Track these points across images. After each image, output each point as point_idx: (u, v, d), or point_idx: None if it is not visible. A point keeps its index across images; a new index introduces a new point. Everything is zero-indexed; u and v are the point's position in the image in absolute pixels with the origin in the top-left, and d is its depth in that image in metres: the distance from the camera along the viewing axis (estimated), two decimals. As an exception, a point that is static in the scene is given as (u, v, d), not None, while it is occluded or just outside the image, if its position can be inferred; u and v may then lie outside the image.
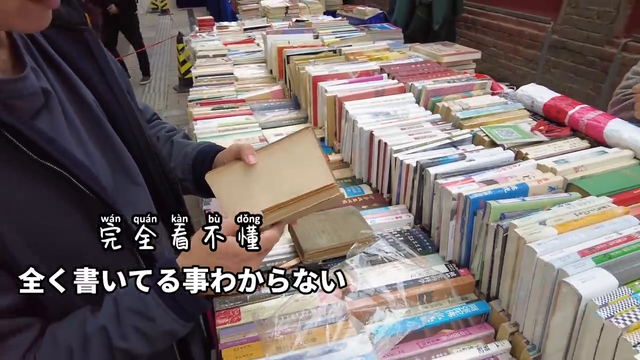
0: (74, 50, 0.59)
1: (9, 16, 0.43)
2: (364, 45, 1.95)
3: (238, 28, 3.23)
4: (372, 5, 6.41)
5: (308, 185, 0.62)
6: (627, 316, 0.54)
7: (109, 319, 0.50)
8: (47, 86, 0.53)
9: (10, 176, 0.46)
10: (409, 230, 0.98)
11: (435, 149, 1.04)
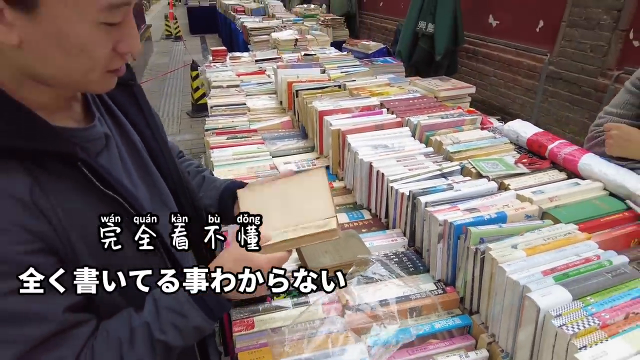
0: (126, 101, 0.74)
1: (90, 83, 0.58)
2: (366, 80, 2.10)
3: (250, 59, 3.42)
4: (377, 37, 6.66)
5: (312, 214, 0.76)
6: (577, 325, 0.66)
7: (151, 316, 0.62)
8: (107, 131, 0.67)
9: (82, 199, 0.59)
10: (403, 252, 1.10)
11: (427, 179, 1.17)
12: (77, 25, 0.50)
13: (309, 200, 0.80)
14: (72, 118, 0.63)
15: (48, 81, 0.56)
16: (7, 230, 0.51)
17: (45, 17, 0.49)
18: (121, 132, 0.72)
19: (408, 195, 1.10)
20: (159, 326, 0.62)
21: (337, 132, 1.47)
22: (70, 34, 0.51)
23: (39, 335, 0.54)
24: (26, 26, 0.49)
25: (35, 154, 0.55)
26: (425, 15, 4.10)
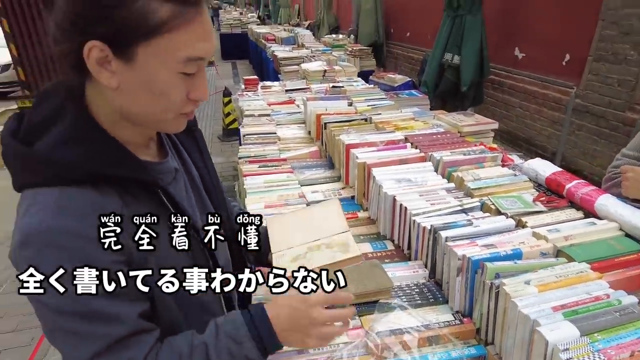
0: (189, 143, 0.88)
1: (166, 122, 0.69)
2: (392, 113, 2.20)
3: (280, 88, 3.58)
4: (404, 67, 6.80)
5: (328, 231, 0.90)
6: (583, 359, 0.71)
7: (210, 338, 0.71)
8: (176, 166, 0.80)
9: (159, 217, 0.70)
10: (424, 284, 1.17)
11: (448, 214, 1.24)
12: (161, 73, 0.63)
13: (326, 221, 0.95)
14: (150, 154, 0.76)
15: (135, 120, 0.68)
16: (100, 242, 0.62)
17: (139, 66, 0.61)
18: (185, 168, 0.85)
19: (429, 229, 1.17)
20: (215, 349, 0.70)
21: (363, 165, 1.57)
22: (156, 80, 0.63)
23: (116, 335, 0.63)
24: (124, 73, 0.62)
25: (125, 181, 0.66)
26: (451, 47, 4.21)
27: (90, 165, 0.63)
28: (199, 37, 0.63)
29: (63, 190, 0.62)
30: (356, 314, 1.04)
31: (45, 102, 0.67)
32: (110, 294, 0.63)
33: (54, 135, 0.64)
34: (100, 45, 0.59)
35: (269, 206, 1.63)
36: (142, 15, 0.58)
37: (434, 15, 5.12)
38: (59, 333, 0.64)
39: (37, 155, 0.62)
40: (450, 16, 4.17)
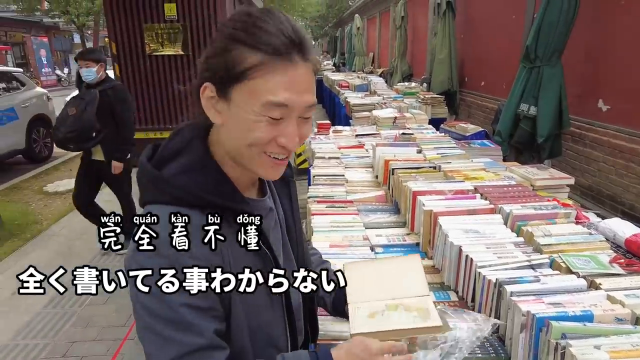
0: (283, 191, 0.97)
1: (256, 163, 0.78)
2: (462, 162, 2.21)
3: (350, 133, 3.72)
4: (477, 115, 6.73)
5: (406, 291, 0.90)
6: None
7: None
8: (271, 205, 0.90)
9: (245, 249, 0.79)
10: (486, 338, 1.15)
11: (515, 269, 1.22)
12: (245, 113, 0.73)
13: (406, 279, 0.95)
14: (251, 193, 0.88)
15: (235, 157, 0.79)
16: (197, 258, 0.72)
17: (234, 105, 0.73)
18: (277, 209, 0.95)
19: (495, 283, 1.16)
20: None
21: (430, 212, 1.59)
22: (242, 117, 0.73)
23: (194, 345, 0.71)
24: (225, 112, 0.74)
25: (226, 210, 0.77)
26: (527, 98, 4.12)
27: (203, 192, 0.75)
28: (284, 86, 0.70)
29: (177, 210, 0.74)
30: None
31: (177, 137, 0.81)
32: (195, 307, 0.72)
33: (181, 164, 0.77)
34: (210, 86, 0.73)
35: (334, 246, 1.70)
36: (235, 62, 0.70)
37: (510, 65, 5.07)
38: (148, 333, 0.72)
39: (162, 178, 0.76)
40: (526, 67, 4.11)
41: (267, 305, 0.83)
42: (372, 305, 0.90)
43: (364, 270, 1.00)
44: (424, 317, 0.87)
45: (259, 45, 0.69)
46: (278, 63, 0.69)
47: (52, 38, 26.40)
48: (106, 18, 6.11)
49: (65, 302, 3.23)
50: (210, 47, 0.74)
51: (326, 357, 0.79)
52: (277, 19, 0.72)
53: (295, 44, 0.71)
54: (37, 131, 7.26)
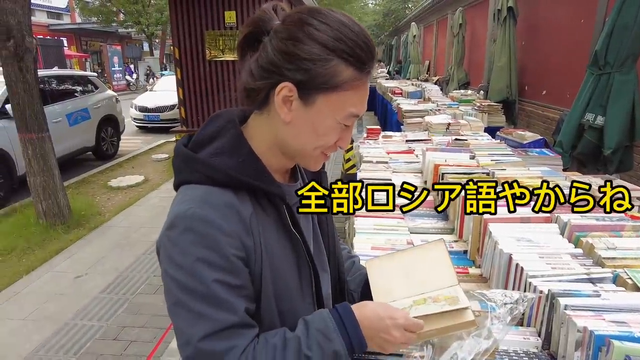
0: (314, 177, 0.96)
1: (309, 159, 0.81)
2: (517, 170, 2.09)
3: (401, 139, 3.65)
4: (537, 125, 6.37)
5: (435, 284, 0.85)
6: None
7: (302, 333, 0.76)
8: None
9: (276, 231, 0.80)
10: (535, 353, 1.06)
11: (571, 281, 1.12)
12: (328, 120, 0.76)
13: (432, 270, 0.90)
14: (283, 179, 0.89)
15: (287, 151, 0.81)
16: (231, 236, 0.73)
17: (314, 110, 0.75)
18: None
19: (547, 294, 1.07)
20: (307, 343, 0.75)
21: (480, 219, 1.51)
22: (323, 124, 0.76)
23: (226, 322, 0.71)
24: (299, 113, 0.75)
25: (259, 192, 0.78)
26: (594, 107, 3.83)
27: (236, 173, 0.76)
28: (361, 99, 0.76)
29: (209, 188, 0.76)
30: None
31: (210, 124, 0.83)
32: (227, 284, 0.72)
33: (215, 147, 0.79)
34: (290, 87, 0.73)
35: (376, 248, 1.66)
36: (331, 73, 0.72)
37: (576, 73, 4.76)
38: (180, 309, 0.73)
39: (198, 159, 0.78)
40: (594, 74, 3.83)
41: (297, 292, 0.83)
42: (399, 304, 0.85)
43: (387, 266, 0.95)
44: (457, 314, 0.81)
45: (355, 63, 0.73)
46: (364, 79, 0.75)
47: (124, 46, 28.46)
48: (171, 25, 6.46)
49: (120, 289, 3.42)
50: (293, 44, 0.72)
51: (348, 313, 0.78)
52: (363, 31, 0.75)
53: (373, 60, 0.75)
54: (105, 130, 7.81)
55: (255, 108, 0.82)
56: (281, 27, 0.74)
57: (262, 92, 0.76)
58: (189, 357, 0.72)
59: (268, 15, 0.76)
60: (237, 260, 0.74)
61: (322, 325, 0.77)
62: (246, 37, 0.78)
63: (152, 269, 3.72)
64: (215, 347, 0.71)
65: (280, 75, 0.73)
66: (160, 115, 10.52)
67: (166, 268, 0.74)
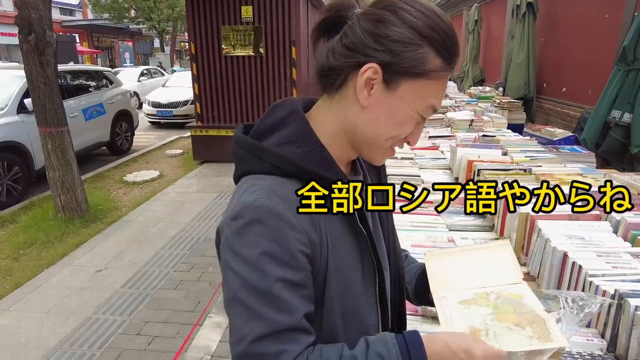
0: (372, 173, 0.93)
1: (377, 150, 0.77)
2: (554, 167, 2.03)
3: (423, 134, 3.60)
4: (556, 123, 6.27)
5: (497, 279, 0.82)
6: None
7: (360, 353, 0.71)
8: None
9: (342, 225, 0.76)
10: (600, 356, 1.01)
11: (636, 281, 1.08)
12: (409, 108, 0.72)
13: (495, 268, 0.86)
14: (346, 169, 0.85)
15: (356, 139, 0.77)
16: (299, 230, 0.69)
17: (396, 96, 0.72)
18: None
19: (613, 295, 1.02)
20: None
21: (526, 216, 1.46)
22: (403, 112, 0.73)
23: (283, 325, 0.67)
24: (379, 97, 0.72)
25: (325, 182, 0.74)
26: (621, 104, 3.75)
27: (304, 163, 0.73)
28: (442, 91, 0.75)
29: (276, 179, 0.72)
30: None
31: (272, 114, 0.80)
32: (289, 282, 0.68)
33: (280, 137, 0.76)
34: (376, 68, 0.70)
35: (416, 245, 1.62)
36: (421, 59, 0.69)
37: (599, 69, 4.67)
38: (237, 304, 0.69)
39: (265, 148, 0.74)
40: (622, 70, 3.75)
41: (360, 291, 0.79)
42: (459, 295, 0.81)
43: (446, 259, 0.91)
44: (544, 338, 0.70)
45: (444, 53, 0.71)
46: (448, 72, 0.73)
47: (135, 42, 28.61)
48: (187, 20, 6.46)
49: (140, 283, 3.42)
50: (384, 26, 0.69)
51: (416, 344, 0.69)
52: (452, 25, 0.73)
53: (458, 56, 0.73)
54: (120, 125, 7.84)
55: (327, 91, 0.78)
56: (371, 10, 0.71)
57: (343, 72, 0.73)
58: (240, 355, 0.69)
59: (351, 2, 0.73)
60: (303, 257, 0.70)
61: (383, 350, 0.70)
62: (324, 21, 0.75)
63: (172, 264, 3.71)
64: (266, 350, 0.67)
65: (366, 55, 0.70)
66: (173, 111, 10.55)
67: (228, 260, 0.71)
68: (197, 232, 4.36)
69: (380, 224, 0.93)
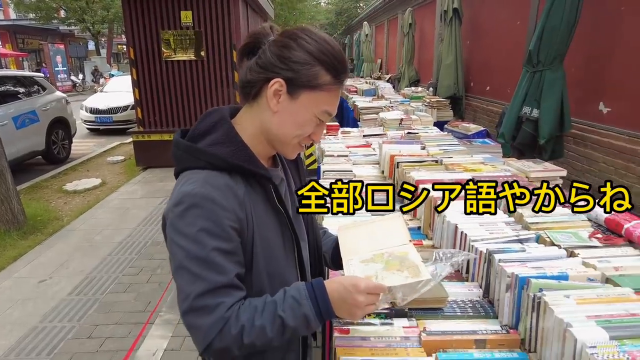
0: (292, 165, 1.15)
1: (288, 147, 0.98)
2: (463, 157, 2.36)
3: (358, 134, 3.89)
4: (482, 119, 6.86)
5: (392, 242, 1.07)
6: (608, 356, 0.82)
7: (279, 298, 0.92)
8: (282, 176, 1.07)
9: (264, 207, 0.97)
10: (477, 300, 1.30)
11: (504, 242, 1.37)
12: (308, 112, 0.94)
13: (390, 233, 1.12)
14: (267, 164, 1.06)
15: (271, 138, 0.98)
16: (228, 210, 0.89)
17: (298, 103, 0.93)
18: (287, 181, 1.12)
19: (485, 253, 1.31)
20: (282, 306, 0.91)
21: (430, 199, 1.75)
22: (302, 115, 0.94)
23: (219, 283, 0.87)
24: (286, 105, 0.93)
25: (249, 174, 0.95)
26: (530, 102, 4.25)
27: (231, 160, 0.93)
28: (334, 100, 0.96)
29: (209, 172, 0.92)
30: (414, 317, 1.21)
31: (204, 121, 0.99)
32: (223, 250, 0.88)
33: (211, 139, 0.95)
34: (282, 82, 0.91)
35: (343, 229, 1.86)
36: (314, 76, 0.91)
37: (514, 70, 5.21)
38: (182, 271, 0.88)
39: (200, 149, 0.94)
40: (529, 71, 4.25)
41: (282, 256, 1.01)
42: (361, 257, 1.05)
43: (354, 231, 1.16)
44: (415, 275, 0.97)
45: (332, 71, 0.92)
46: (338, 86, 0.94)
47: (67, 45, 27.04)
48: (125, 24, 6.37)
49: (88, 289, 3.43)
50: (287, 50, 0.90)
51: (320, 286, 0.92)
52: (340, 50, 0.94)
53: (346, 73, 0.95)
54: (56, 133, 7.54)
55: (246, 102, 0.99)
56: (279, 38, 0.93)
57: (257, 85, 0.94)
58: (186, 311, 0.87)
59: (266, 31, 0.95)
60: (232, 231, 0.90)
61: (296, 293, 0.92)
62: (246, 46, 0.96)
63: (120, 268, 3.74)
64: (207, 303, 0.86)
65: (274, 72, 0.91)
66: (112, 116, 10.24)
67: (173, 237, 0.89)
68: (144, 236, 4.39)
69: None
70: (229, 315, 0.87)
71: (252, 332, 0.87)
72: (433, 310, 1.23)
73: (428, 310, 1.23)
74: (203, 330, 0.86)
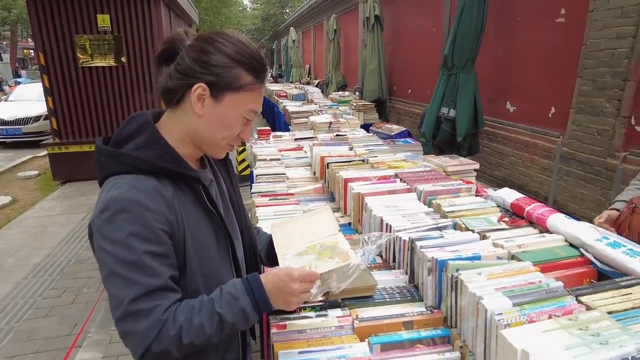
0: (221, 166, 1.16)
1: (216, 148, 0.99)
2: (387, 156, 2.50)
3: (290, 137, 3.94)
4: (405, 120, 7.25)
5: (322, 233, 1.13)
6: (511, 320, 0.94)
7: (216, 295, 0.93)
8: (211, 177, 1.08)
9: (195, 209, 0.97)
10: (404, 286, 1.39)
11: (425, 231, 1.49)
12: (234, 113, 0.95)
13: (320, 226, 1.18)
14: (195, 166, 1.05)
15: (198, 140, 0.98)
16: (157, 212, 0.88)
17: (223, 106, 0.94)
18: (217, 182, 1.13)
19: (408, 241, 1.42)
20: (219, 302, 0.92)
21: (358, 195, 1.84)
22: (229, 116, 0.95)
23: (152, 286, 0.85)
24: (211, 108, 0.94)
25: (177, 176, 0.94)
26: (447, 102, 4.58)
27: (157, 162, 0.92)
28: (258, 99, 0.99)
29: (135, 176, 0.90)
30: (347, 306, 1.27)
31: (128, 125, 0.97)
32: (154, 254, 0.87)
33: (135, 143, 0.94)
34: (204, 87, 0.92)
35: (277, 230, 1.89)
36: (235, 77, 0.93)
37: (433, 73, 5.59)
38: (113, 277, 0.85)
39: (124, 153, 0.92)
40: (445, 74, 4.59)
41: (216, 256, 1.01)
42: (295, 250, 1.10)
43: (287, 227, 1.21)
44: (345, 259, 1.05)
45: (253, 72, 0.95)
46: (260, 85, 0.97)
47: (-38, 50, 24.23)
48: (32, 27, 5.88)
49: (0, 319, 3.12)
50: (206, 55, 0.91)
51: (255, 279, 0.95)
52: (257, 50, 0.98)
53: (266, 71, 0.99)
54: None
55: (169, 107, 0.98)
56: (195, 43, 0.94)
57: (179, 91, 0.94)
58: (120, 317, 0.85)
59: (181, 36, 0.95)
60: (163, 234, 0.89)
61: (232, 289, 0.94)
62: (163, 52, 0.95)
63: (39, 292, 3.44)
64: (142, 307, 0.85)
65: (195, 77, 0.92)
66: (22, 128, 9.37)
67: (101, 244, 0.86)
68: (66, 255, 4.08)
69: (231, 205, 1.16)
70: (165, 317, 0.86)
71: (191, 331, 0.87)
72: (364, 299, 1.30)
73: (359, 299, 1.30)
74: (140, 335, 0.84)
